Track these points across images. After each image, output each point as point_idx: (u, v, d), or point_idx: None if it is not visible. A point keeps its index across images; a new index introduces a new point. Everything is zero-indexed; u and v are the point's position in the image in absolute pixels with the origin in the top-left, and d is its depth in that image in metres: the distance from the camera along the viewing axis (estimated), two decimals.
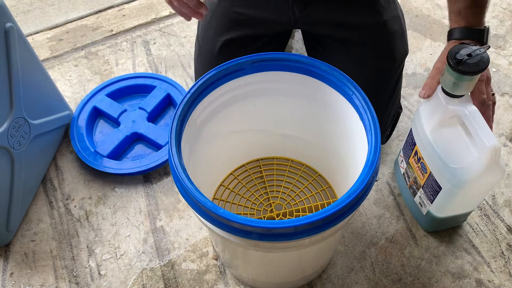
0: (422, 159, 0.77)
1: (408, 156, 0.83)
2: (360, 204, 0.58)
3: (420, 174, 0.80)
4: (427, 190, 0.79)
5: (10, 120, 0.82)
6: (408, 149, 0.82)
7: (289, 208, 0.84)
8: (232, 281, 0.84)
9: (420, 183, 0.81)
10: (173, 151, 0.60)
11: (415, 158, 0.80)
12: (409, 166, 0.83)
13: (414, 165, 0.81)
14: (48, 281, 0.86)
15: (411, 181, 0.84)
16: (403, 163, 0.86)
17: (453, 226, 0.88)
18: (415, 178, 0.82)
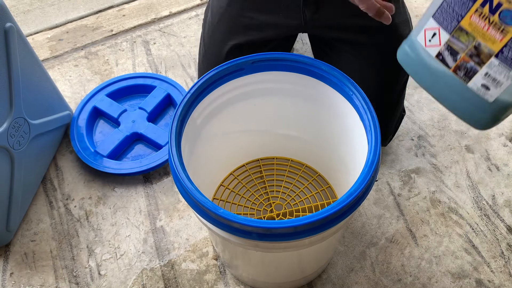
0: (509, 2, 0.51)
1: (459, 17, 0.55)
2: (360, 204, 0.58)
3: (494, 35, 0.53)
4: (509, 57, 0.52)
5: (10, 120, 0.82)
6: (458, 4, 0.55)
7: (289, 208, 0.84)
8: (232, 281, 0.84)
9: (493, 50, 0.53)
10: (173, 151, 0.60)
11: (481, 13, 0.53)
12: (461, 34, 0.56)
13: (479, 25, 0.54)
14: (48, 281, 0.86)
15: (463, 57, 0.56)
16: (435, 38, 0.59)
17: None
18: (476, 49, 0.55)
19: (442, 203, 0.92)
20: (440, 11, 0.57)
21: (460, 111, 0.60)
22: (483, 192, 0.93)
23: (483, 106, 0.56)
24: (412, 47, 0.59)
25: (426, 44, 0.59)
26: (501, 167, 0.97)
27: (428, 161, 0.98)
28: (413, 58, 0.60)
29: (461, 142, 1.01)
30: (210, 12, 0.89)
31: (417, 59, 0.59)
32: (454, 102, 0.60)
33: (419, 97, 1.08)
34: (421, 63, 0.59)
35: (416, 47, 0.59)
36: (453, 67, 0.58)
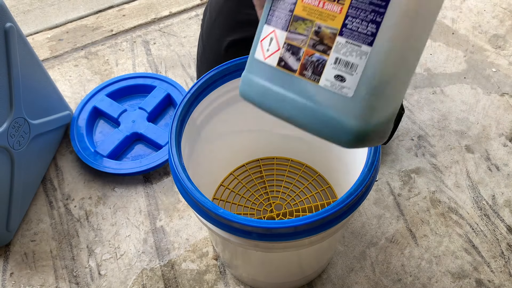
0: None
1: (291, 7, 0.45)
2: (360, 204, 0.58)
3: (331, 8, 0.42)
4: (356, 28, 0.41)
5: (10, 120, 0.82)
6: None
7: (289, 208, 0.84)
8: (232, 281, 0.84)
9: (335, 28, 0.42)
10: (173, 151, 0.60)
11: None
12: (298, 25, 0.44)
13: (313, 4, 0.43)
14: (48, 281, 0.86)
15: (306, 50, 0.44)
16: (273, 44, 0.46)
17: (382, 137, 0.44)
18: (317, 34, 0.43)
19: (442, 203, 0.92)
20: (272, 12, 0.46)
21: (320, 125, 0.44)
22: (483, 192, 0.93)
23: (344, 107, 0.41)
24: (251, 69, 0.47)
25: (265, 57, 0.47)
26: (501, 167, 0.97)
27: (428, 161, 0.98)
28: (254, 82, 0.47)
29: (461, 142, 1.01)
30: (209, 10, 0.90)
31: (259, 80, 0.46)
32: (311, 116, 0.44)
33: (419, 97, 1.08)
34: (264, 84, 0.46)
35: (256, 67, 0.47)
36: (298, 69, 0.44)
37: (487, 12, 1.25)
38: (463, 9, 1.26)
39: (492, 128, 1.03)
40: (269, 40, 0.46)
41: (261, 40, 0.46)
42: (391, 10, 0.38)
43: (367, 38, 0.40)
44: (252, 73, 0.47)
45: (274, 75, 0.45)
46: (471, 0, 1.28)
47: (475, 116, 1.05)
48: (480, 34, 1.20)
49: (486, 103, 1.07)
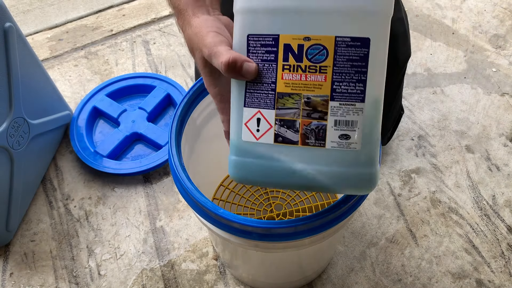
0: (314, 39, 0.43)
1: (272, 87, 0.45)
2: (360, 204, 0.58)
3: (316, 79, 0.44)
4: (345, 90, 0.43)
5: (10, 120, 0.82)
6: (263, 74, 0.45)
7: (289, 208, 0.84)
8: (232, 281, 0.84)
9: (326, 95, 0.44)
10: (173, 151, 0.60)
11: (290, 66, 0.44)
12: (285, 101, 0.45)
13: (296, 79, 0.44)
14: (48, 281, 0.86)
15: (303, 121, 0.45)
16: (262, 124, 0.46)
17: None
18: (309, 105, 0.44)
19: (442, 203, 0.92)
20: (248, 95, 0.46)
21: (337, 182, 0.46)
22: (483, 192, 0.93)
23: (356, 159, 0.45)
24: (243, 153, 0.47)
25: (257, 138, 0.46)
26: (501, 167, 0.97)
27: (428, 161, 0.98)
28: (251, 164, 0.47)
29: (461, 142, 1.01)
30: None
31: (256, 161, 0.47)
32: (327, 177, 0.45)
33: (419, 97, 1.08)
34: (265, 162, 0.46)
35: (248, 150, 0.47)
36: (299, 140, 0.45)
37: (487, 12, 1.25)
38: (463, 9, 1.26)
39: (492, 128, 1.03)
40: (255, 121, 0.46)
41: (245, 123, 0.46)
42: (371, 66, 0.42)
43: (358, 96, 0.43)
44: (245, 157, 0.47)
45: (274, 152, 0.46)
46: (471, 0, 1.28)
47: (475, 116, 1.05)
48: (480, 34, 1.20)
49: (486, 103, 1.07)
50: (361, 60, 0.42)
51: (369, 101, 0.43)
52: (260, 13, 0.43)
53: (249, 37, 0.44)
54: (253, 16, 0.44)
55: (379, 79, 0.43)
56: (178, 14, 0.50)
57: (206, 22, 0.47)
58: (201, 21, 0.47)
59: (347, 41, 0.42)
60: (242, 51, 0.45)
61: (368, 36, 0.42)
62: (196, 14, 0.48)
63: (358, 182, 0.45)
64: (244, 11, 0.45)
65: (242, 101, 0.46)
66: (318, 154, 0.45)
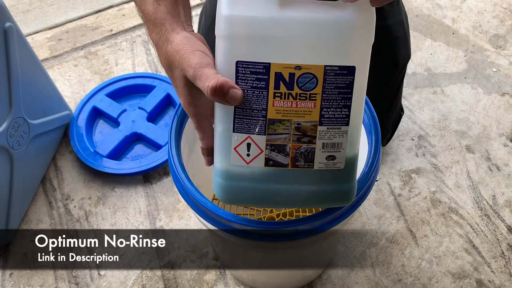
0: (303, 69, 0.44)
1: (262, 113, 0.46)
2: (360, 204, 0.58)
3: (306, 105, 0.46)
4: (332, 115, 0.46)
5: (9, 120, 0.82)
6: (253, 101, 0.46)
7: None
8: (232, 281, 0.84)
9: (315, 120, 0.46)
10: (173, 151, 0.60)
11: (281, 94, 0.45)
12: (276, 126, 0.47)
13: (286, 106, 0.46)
14: (48, 281, 0.86)
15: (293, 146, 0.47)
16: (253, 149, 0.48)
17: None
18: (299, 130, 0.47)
19: (443, 203, 0.92)
20: (238, 121, 0.46)
21: (321, 198, 0.50)
22: (483, 192, 0.93)
23: (339, 177, 0.49)
24: (232, 177, 0.48)
25: (247, 162, 0.48)
26: (501, 167, 0.97)
27: (428, 161, 0.98)
28: (240, 188, 0.49)
29: (461, 142, 1.00)
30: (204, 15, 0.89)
31: (246, 184, 0.49)
32: (312, 195, 0.50)
33: (419, 97, 1.08)
34: (256, 185, 0.49)
35: (238, 174, 0.48)
36: (290, 163, 0.48)
37: (488, 12, 1.25)
38: (464, 9, 1.26)
39: (492, 128, 1.02)
40: (245, 146, 0.48)
41: (235, 148, 0.47)
42: (355, 92, 0.46)
43: (343, 120, 0.47)
44: (234, 181, 0.49)
45: (264, 175, 0.48)
46: (471, 0, 1.28)
47: (475, 116, 1.05)
48: (480, 34, 1.20)
49: (487, 103, 1.07)
50: (347, 87, 0.45)
51: (353, 124, 0.47)
52: (250, 41, 0.43)
53: (238, 64, 0.44)
54: (242, 43, 0.44)
55: (361, 104, 0.47)
56: (152, 27, 0.47)
57: (188, 40, 0.46)
58: (182, 38, 0.46)
59: (335, 69, 0.44)
60: (230, 77, 0.44)
61: (353, 64, 0.44)
62: (175, 29, 0.47)
63: (340, 197, 0.50)
64: (231, 37, 0.44)
65: (230, 126, 0.47)
66: (307, 175, 0.48)
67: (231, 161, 0.48)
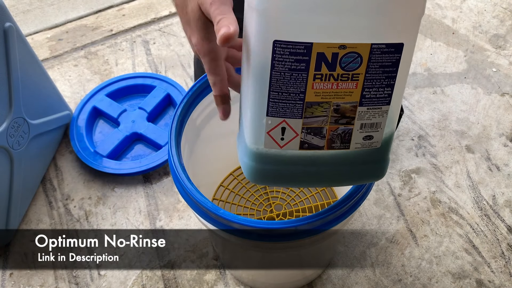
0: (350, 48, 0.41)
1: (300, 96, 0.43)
2: (360, 205, 0.58)
3: (347, 86, 0.43)
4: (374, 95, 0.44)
5: (9, 120, 0.82)
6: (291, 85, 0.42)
7: (289, 208, 0.84)
8: (232, 281, 0.84)
9: (355, 101, 0.44)
10: (173, 151, 0.60)
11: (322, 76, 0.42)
12: (314, 110, 0.44)
13: (326, 88, 0.43)
14: (48, 282, 0.86)
15: (330, 128, 0.45)
16: (288, 133, 0.46)
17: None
18: (337, 112, 0.44)
19: (443, 203, 0.92)
20: (272, 104, 0.43)
21: (356, 177, 0.50)
22: (483, 192, 0.93)
23: (375, 155, 0.48)
24: (264, 160, 0.46)
25: (281, 146, 0.46)
26: (501, 167, 0.97)
27: (428, 161, 0.98)
28: (273, 170, 0.47)
29: (461, 142, 1.00)
30: None
31: (279, 167, 0.47)
32: (348, 174, 0.49)
33: (419, 97, 1.08)
34: (290, 168, 0.47)
35: (271, 157, 0.46)
36: (325, 145, 0.46)
37: (488, 12, 1.25)
38: (464, 9, 1.26)
39: (492, 128, 1.02)
40: (280, 130, 0.45)
41: (268, 132, 0.45)
42: (400, 70, 0.42)
43: (385, 100, 0.44)
44: (267, 164, 0.47)
45: (299, 158, 0.46)
46: (471, 0, 1.28)
47: (475, 116, 1.05)
48: (480, 34, 1.20)
49: (487, 103, 1.07)
50: (393, 66, 0.42)
51: (394, 103, 0.44)
52: (290, 17, 0.38)
53: (276, 44, 0.40)
54: (281, 19, 0.39)
55: (404, 81, 0.43)
56: None
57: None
58: None
59: (382, 47, 0.41)
60: (266, 57, 0.40)
61: (402, 41, 0.41)
62: None
63: (374, 174, 0.49)
64: (268, 11, 0.38)
65: (264, 110, 0.44)
66: (342, 156, 0.46)
67: (263, 144, 0.45)
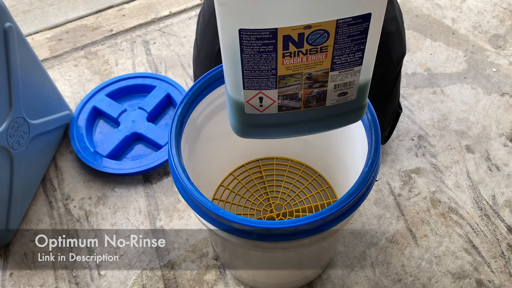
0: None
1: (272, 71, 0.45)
2: (360, 204, 0.58)
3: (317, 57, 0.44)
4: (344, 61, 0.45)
5: (9, 120, 0.82)
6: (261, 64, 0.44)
7: (289, 208, 0.84)
8: (232, 281, 0.84)
9: (326, 68, 0.45)
10: (173, 151, 0.60)
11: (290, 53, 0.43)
12: (287, 80, 0.46)
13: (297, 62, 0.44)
14: (48, 281, 0.86)
15: (305, 92, 0.47)
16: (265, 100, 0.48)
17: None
18: (310, 79, 0.46)
19: (442, 203, 0.92)
20: (247, 80, 0.46)
21: (336, 124, 0.53)
22: (483, 192, 0.93)
23: (351, 105, 0.51)
24: (245, 121, 0.50)
25: (261, 111, 0.49)
26: (501, 167, 0.97)
27: (428, 161, 0.98)
28: (255, 128, 0.52)
29: (461, 142, 1.01)
30: (202, 13, 0.89)
31: (260, 125, 0.51)
32: (325, 124, 0.53)
33: (419, 97, 1.08)
34: (268, 125, 0.51)
35: (252, 119, 0.50)
36: (302, 106, 0.49)
37: (487, 12, 1.25)
38: (463, 9, 1.26)
39: (492, 128, 1.03)
40: (258, 99, 0.48)
41: (247, 101, 0.48)
42: (370, 35, 0.43)
43: (357, 61, 0.46)
44: (249, 124, 0.50)
45: (278, 118, 0.50)
46: (471, 0, 1.28)
47: (475, 116, 1.05)
48: (480, 34, 1.20)
49: (486, 103, 1.07)
50: (361, 34, 0.42)
51: (366, 62, 0.45)
52: (253, 6, 0.39)
53: (242, 32, 0.41)
54: (243, 9, 0.39)
55: (376, 40, 0.44)
56: None
57: None
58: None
59: (348, 21, 0.41)
60: (234, 42, 0.42)
61: (369, 11, 0.41)
62: None
63: (351, 119, 0.52)
64: (231, 3, 0.39)
65: (240, 84, 0.46)
66: (318, 111, 0.49)
67: (244, 110, 0.48)
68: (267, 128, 0.51)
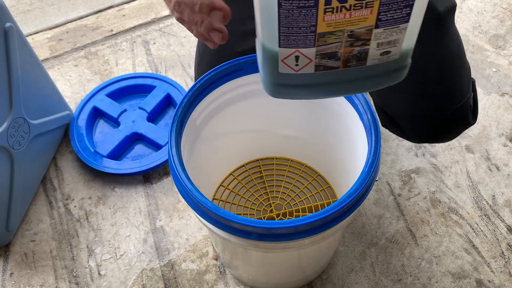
0: None
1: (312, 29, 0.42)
2: (360, 204, 0.58)
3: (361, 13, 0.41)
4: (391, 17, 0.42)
5: (10, 120, 0.82)
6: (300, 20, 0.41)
7: (289, 208, 0.84)
8: (232, 281, 0.84)
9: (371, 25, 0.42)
10: (173, 151, 0.60)
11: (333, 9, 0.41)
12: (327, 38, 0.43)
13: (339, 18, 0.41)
14: (48, 281, 0.86)
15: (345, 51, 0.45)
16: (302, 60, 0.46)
17: None
18: (352, 37, 0.43)
19: (442, 203, 0.92)
20: (283, 37, 0.43)
21: (378, 84, 0.50)
22: (483, 192, 0.93)
23: (394, 65, 0.48)
24: (280, 79, 0.47)
25: (296, 70, 0.46)
26: (501, 167, 0.97)
27: (428, 161, 0.98)
28: (289, 88, 0.49)
29: (461, 142, 1.01)
30: None
31: (295, 85, 0.48)
32: (368, 85, 0.50)
33: None
34: (303, 86, 0.48)
35: (287, 78, 0.47)
36: (341, 65, 0.47)
37: (487, 12, 1.25)
38: (463, 9, 1.26)
39: (492, 128, 1.03)
40: (294, 58, 0.45)
41: (282, 60, 0.45)
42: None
43: (404, 18, 0.42)
44: (283, 84, 0.47)
45: (314, 78, 0.47)
46: (471, 0, 1.28)
47: None
48: (480, 34, 1.20)
49: (486, 103, 1.07)
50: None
51: (413, 19, 0.42)
52: None
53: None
54: None
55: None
56: None
57: None
58: None
59: None
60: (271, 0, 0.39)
61: None
62: None
63: (392, 80, 0.49)
64: None
65: (276, 43, 0.43)
66: (359, 71, 0.46)
67: (278, 69, 0.45)
68: (302, 88, 0.48)
